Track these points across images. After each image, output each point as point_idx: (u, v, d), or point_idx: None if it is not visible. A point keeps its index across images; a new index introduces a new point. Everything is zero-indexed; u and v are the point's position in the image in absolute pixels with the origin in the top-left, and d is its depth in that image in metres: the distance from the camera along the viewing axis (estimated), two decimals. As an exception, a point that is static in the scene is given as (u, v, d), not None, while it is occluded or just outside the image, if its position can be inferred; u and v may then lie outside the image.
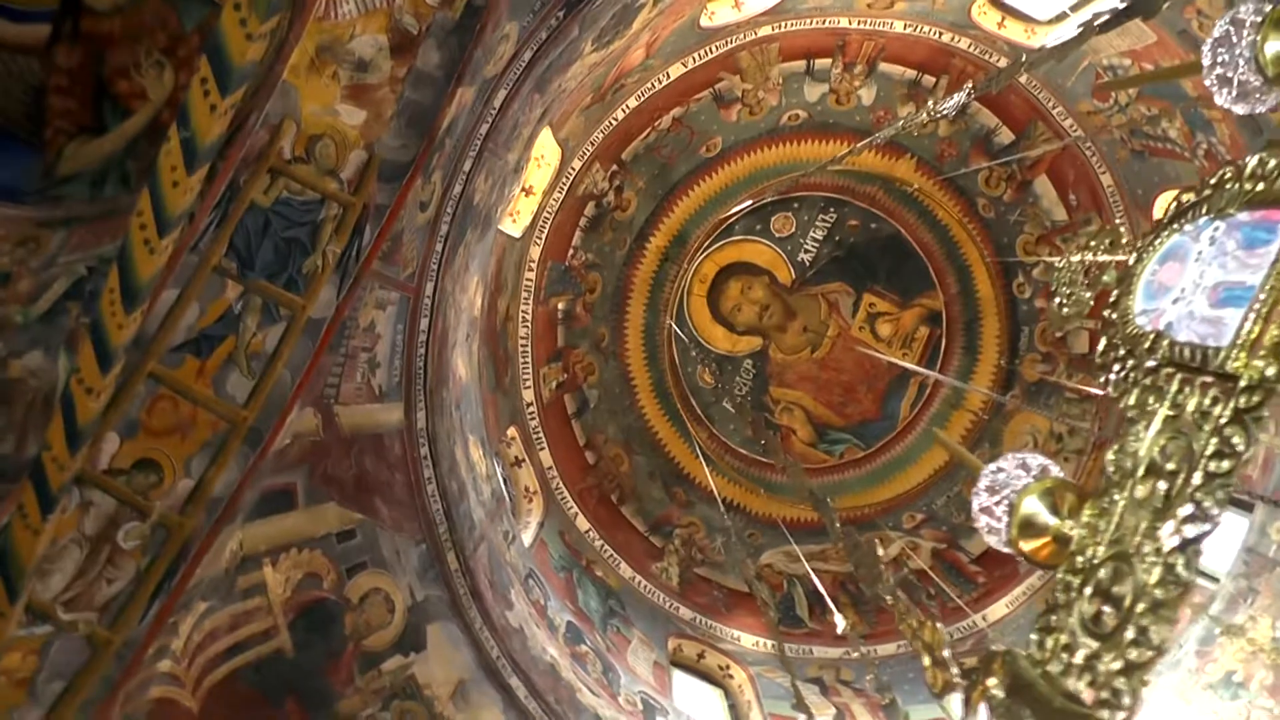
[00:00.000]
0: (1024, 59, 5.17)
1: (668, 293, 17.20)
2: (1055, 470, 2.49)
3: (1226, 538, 12.54)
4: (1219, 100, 2.53)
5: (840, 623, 10.61)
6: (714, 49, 14.06)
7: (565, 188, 14.18)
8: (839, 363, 18.33)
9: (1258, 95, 2.43)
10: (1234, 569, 11.97)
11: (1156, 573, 1.81)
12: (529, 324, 14.37)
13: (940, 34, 13.75)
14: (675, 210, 16.51)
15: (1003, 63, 13.38)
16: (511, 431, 13.77)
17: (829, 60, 14.80)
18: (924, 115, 6.70)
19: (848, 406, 18.46)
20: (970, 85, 5.87)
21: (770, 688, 13.94)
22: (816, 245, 17.88)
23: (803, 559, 14.19)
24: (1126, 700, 1.73)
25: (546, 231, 14.34)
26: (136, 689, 7.08)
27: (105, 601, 6.85)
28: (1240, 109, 2.51)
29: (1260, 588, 11.45)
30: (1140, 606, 1.79)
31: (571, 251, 15.21)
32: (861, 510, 17.07)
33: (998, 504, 2.47)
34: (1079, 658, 1.83)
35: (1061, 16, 11.32)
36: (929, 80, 14.66)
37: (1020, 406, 16.09)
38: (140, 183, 5.99)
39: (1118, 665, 1.76)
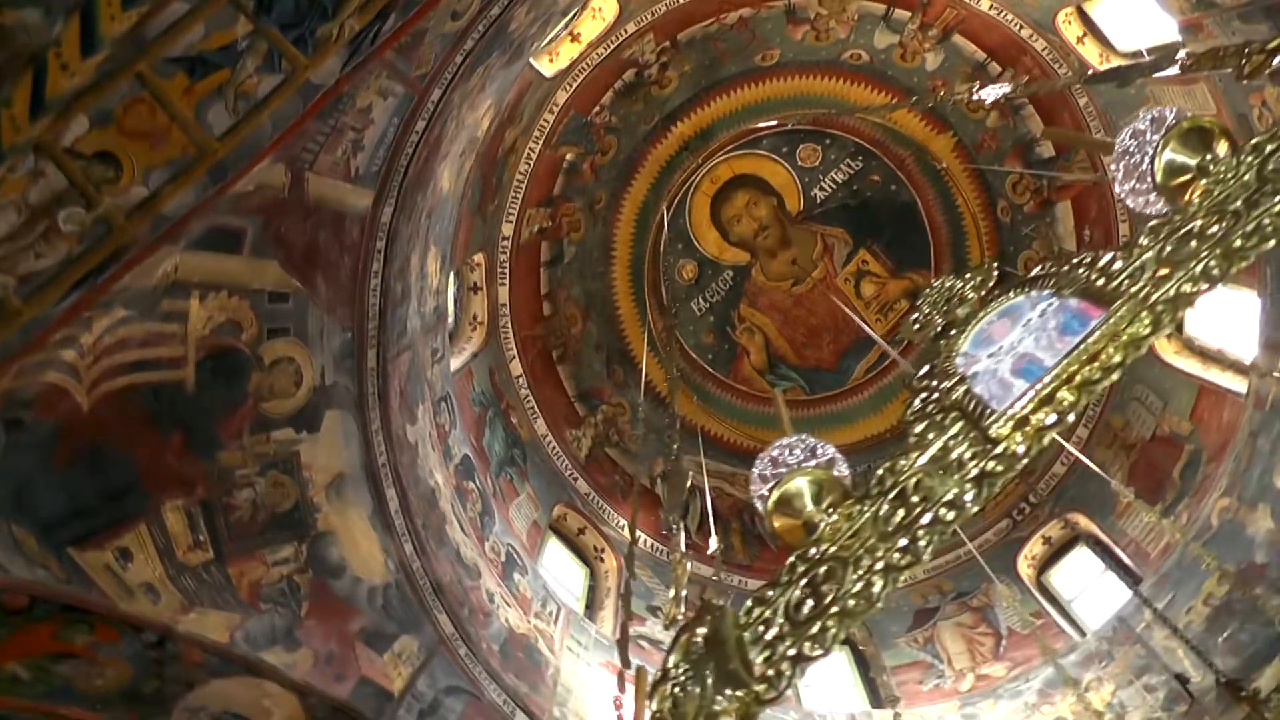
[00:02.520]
0: (1024, 81, 5.21)
1: (676, 180, 17.16)
2: (841, 469, 2.63)
3: (1106, 600, 12.92)
4: (1116, 188, 2.61)
5: (713, 543, 10.86)
6: (801, -37, 13.88)
7: (612, 46, 14.06)
8: (814, 304, 18.46)
9: (1146, 197, 2.52)
10: (1102, 630, 12.36)
11: (859, 586, 1.95)
12: (531, 162, 14.29)
13: (1021, 27, 13.51)
14: (711, 105, 16.40)
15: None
16: (478, 258, 13.81)
17: (909, 14, 14.60)
18: (941, 94, 6.73)
19: (807, 349, 18.64)
20: (977, 83, 5.90)
21: (635, 584, 14.19)
22: (834, 186, 17.90)
23: (704, 474, 14.43)
24: (783, 685, 1.88)
25: (580, 82, 14.25)
26: (33, 367, 7.13)
27: (28, 273, 6.85)
28: (1131, 203, 2.60)
29: (1117, 655, 11.82)
30: (834, 609, 1.94)
31: (597, 109, 15.13)
32: (781, 449, 17.26)
33: (773, 475, 2.61)
34: (770, 634, 1.98)
35: (1137, 54, 11.17)
36: (995, 68, 14.46)
37: (965, 409, 16.22)
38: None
39: (792, 652, 1.91)
